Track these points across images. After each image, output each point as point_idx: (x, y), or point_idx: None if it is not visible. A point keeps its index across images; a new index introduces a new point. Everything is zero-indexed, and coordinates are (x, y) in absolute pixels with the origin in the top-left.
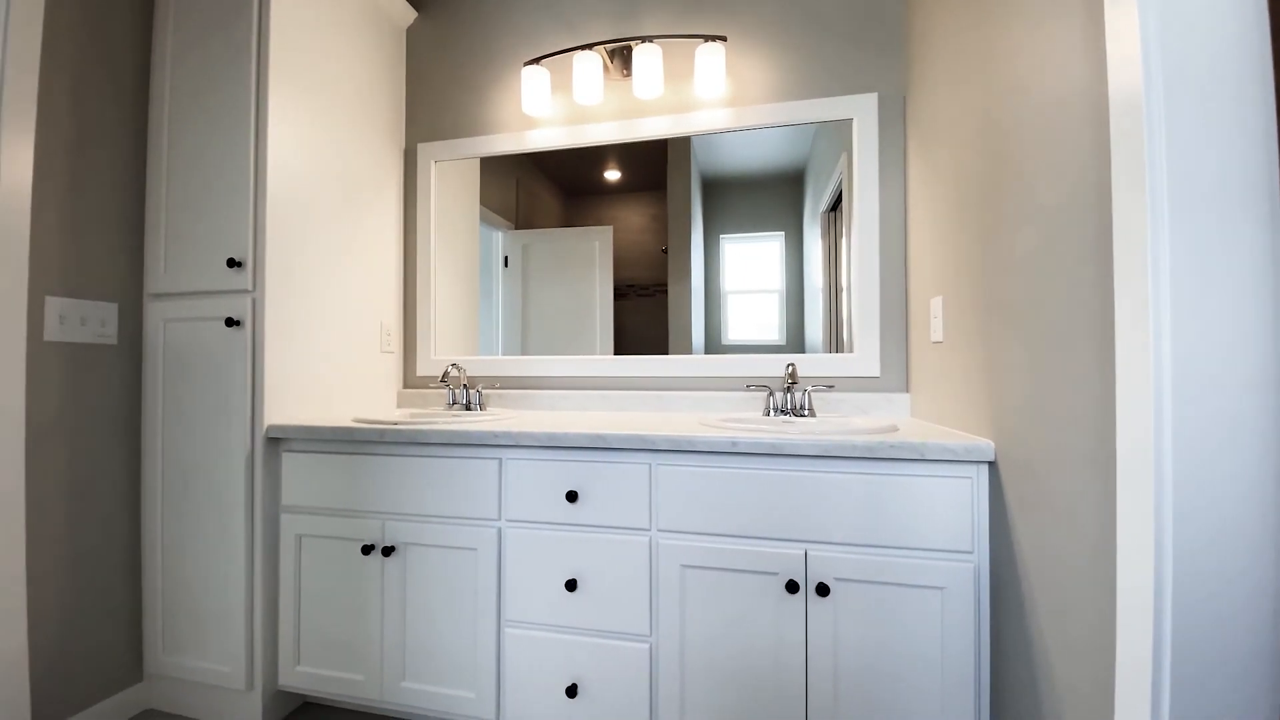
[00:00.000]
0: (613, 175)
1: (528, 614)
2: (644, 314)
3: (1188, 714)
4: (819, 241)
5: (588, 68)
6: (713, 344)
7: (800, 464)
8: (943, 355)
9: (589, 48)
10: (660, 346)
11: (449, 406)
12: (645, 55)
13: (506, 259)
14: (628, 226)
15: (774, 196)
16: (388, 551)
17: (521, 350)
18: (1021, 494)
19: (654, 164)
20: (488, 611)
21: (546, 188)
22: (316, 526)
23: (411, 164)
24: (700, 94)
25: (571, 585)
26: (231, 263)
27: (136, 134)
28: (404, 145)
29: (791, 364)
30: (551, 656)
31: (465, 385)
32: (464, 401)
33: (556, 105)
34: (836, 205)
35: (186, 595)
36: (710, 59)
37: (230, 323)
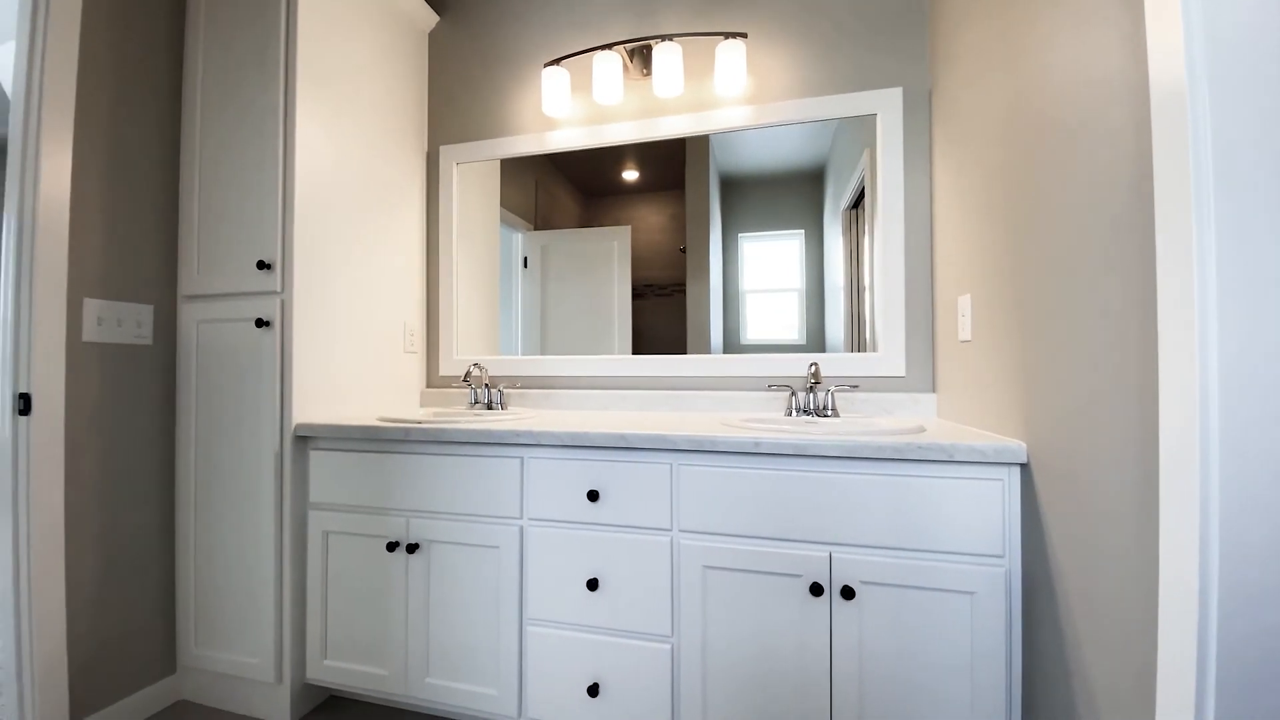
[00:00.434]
0: (631, 175)
1: (550, 612)
2: (662, 314)
3: None
4: (840, 239)
5: (607, 68)
6: (731, 344)
7: (825, 465)
8: (971, 354)
9: (609, 47)
10: (678, 346)
11: (471, 406)
12: (665, 54)
13: (526, 260)
14: (646, 226)
15: (793, 194)
16: (412, 549)
17: (541, 350)
18: (1056, 496)
19: (672, 163)
20: (510, 609)
21: (565, 188)
22: (343, 523)
23: (433, 166)
24: (721, 92)
25: (593, 584)
26: (261, 264)
27: (170, 140)
28: (426, 148)
29: (814, 363)
30: (573, 655)
31: (487, 385)
32: (485, 401)
33: (576, 106)
34: (858, 202)
35: (218, 589)
36: (731, 56)
37: (260, 323)
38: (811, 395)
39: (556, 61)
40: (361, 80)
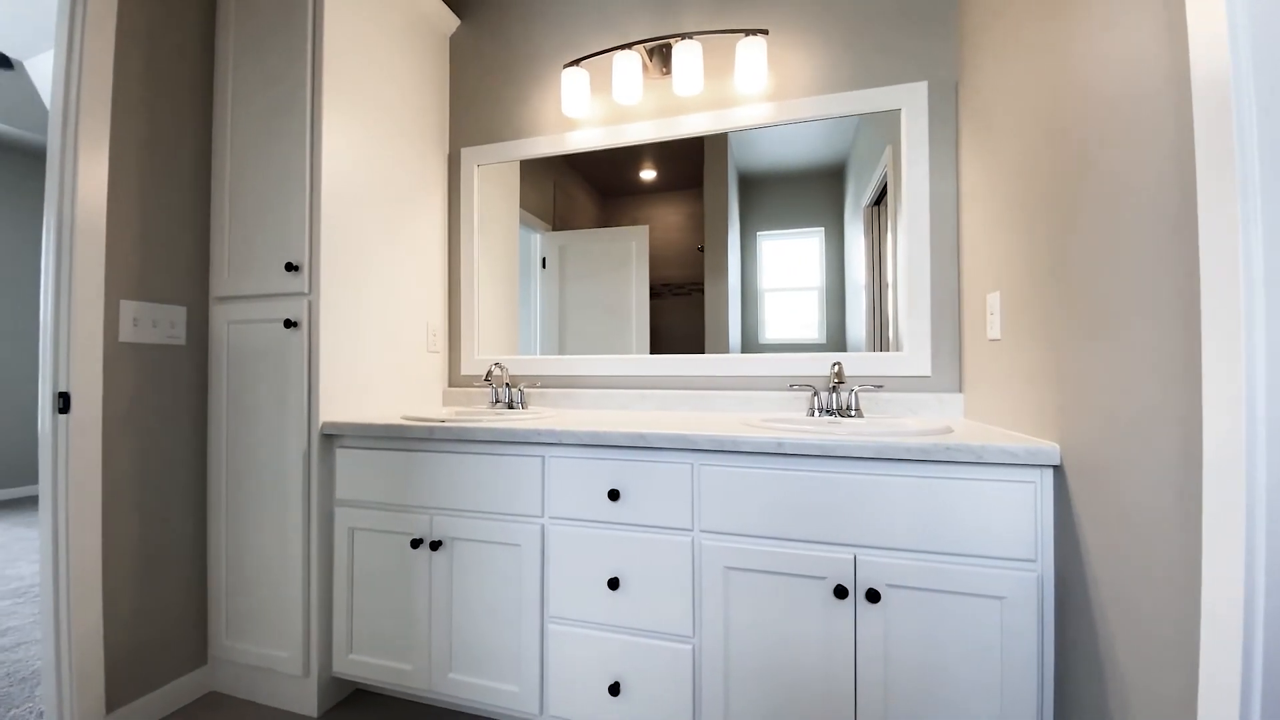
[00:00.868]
0: (648, 175)
1: (571, 611)
2: (680, 313)
3: None
4: (861, 237)
5: (627, 67)
6: (749, 343)
7: (849, 466)
8: (1001, 353)
9: (628, 47)
10: (696, 345)
11: (492, 405)
12: (685, 52)
13: (544, 260)
14: (663, 226)
15: (813, 191)
16: (435, 546)
17: (559, 350)
18: (1092, 500)
19: (690, 162)
20: (531, 607)
21: (583, 189)
22: (368, 520)
23: (455, 168)
24: (741, 89)
25: (614, 584)
26: (289, 266)
27: (201, 146)
28: (447, 150)
29: (838, 363)
30: (594, 654)
31: (507, 384)
32: (506, 400)
33: (596, 106)
34: (880, 199)
35: (248, 583)
36: (751, 53)
37: (288, 324)
38: (835, 395)
39: (576, 62)
40: (385, 85)
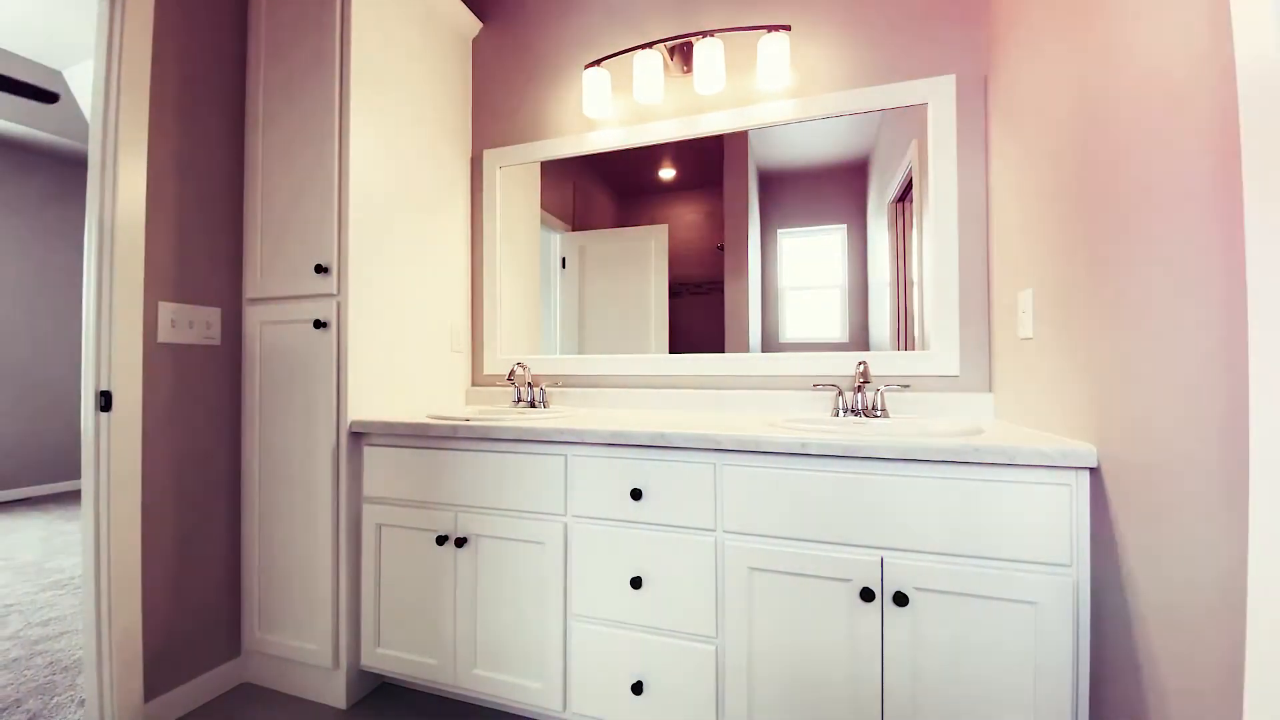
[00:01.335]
0: (668, 174)
1: (593, 609)
2: (699, 312)
3: None
4: (885, 234)
5: (648, 66)
6: (770, 342)
7: (876, 467)
8: (1032, 352)
9: (649, 46)
10: (716, 344)
11: (514, 404)
12: (706, 50)
13: (564, 260)
14: (682, 224)
15: (835, 188)
16: (460, 543)
17: (579, 349)
18: (1131, 503)
19: (709, 161)
20: (555, 604)
21: (602, 189)
22: (395, 517)
23: (477, 170)
24: (763, 86)
25: (636, 582)
26: (319, 268)
27: (234, 151)
28: (470, 152)
29: (863, 362)
30: (617, 652)
31: (529, 383)
32: (528, 399)
33: (617, 106)
34: (905, 195)
35: (280, 577)
36: (773, 49)
37: (318, 324)
38: (859, 395)
39: (597, 63)
40: (410, 89)
